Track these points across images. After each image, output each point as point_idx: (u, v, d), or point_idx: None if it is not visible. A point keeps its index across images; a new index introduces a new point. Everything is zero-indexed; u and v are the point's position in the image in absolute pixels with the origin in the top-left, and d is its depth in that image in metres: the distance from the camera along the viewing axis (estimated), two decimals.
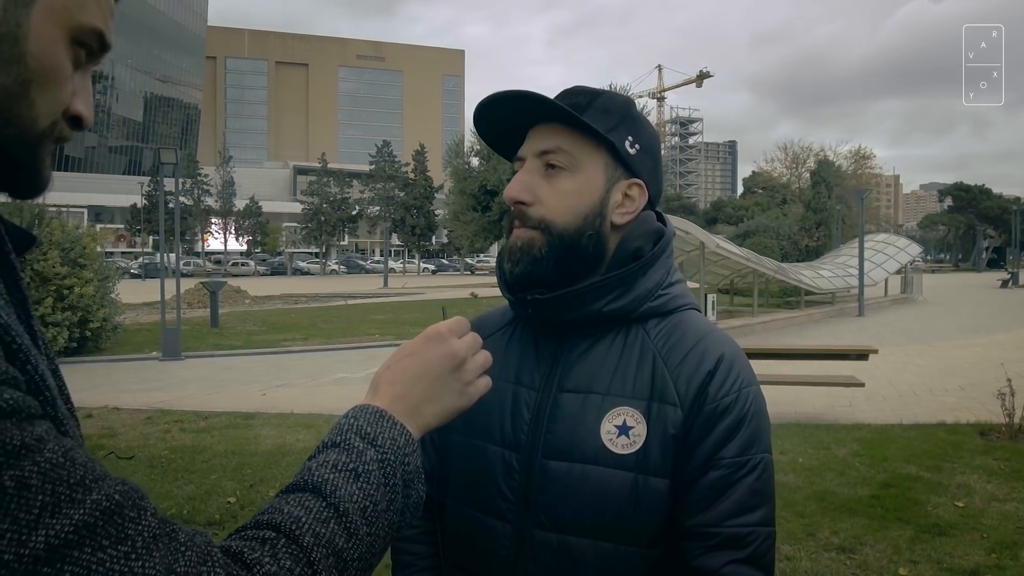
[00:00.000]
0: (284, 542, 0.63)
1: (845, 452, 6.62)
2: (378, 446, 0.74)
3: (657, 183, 1.18)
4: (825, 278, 24.60)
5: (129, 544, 0.54)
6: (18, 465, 0.51)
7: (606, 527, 1.06)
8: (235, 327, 18.78)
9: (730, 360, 1.10)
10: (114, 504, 0.55)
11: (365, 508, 0.69)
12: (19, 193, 0.70)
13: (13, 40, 0.63)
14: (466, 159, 34.06)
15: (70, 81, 0.68)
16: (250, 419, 8.26)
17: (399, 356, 0.86)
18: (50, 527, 0.51)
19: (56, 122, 0.68)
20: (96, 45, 0.70)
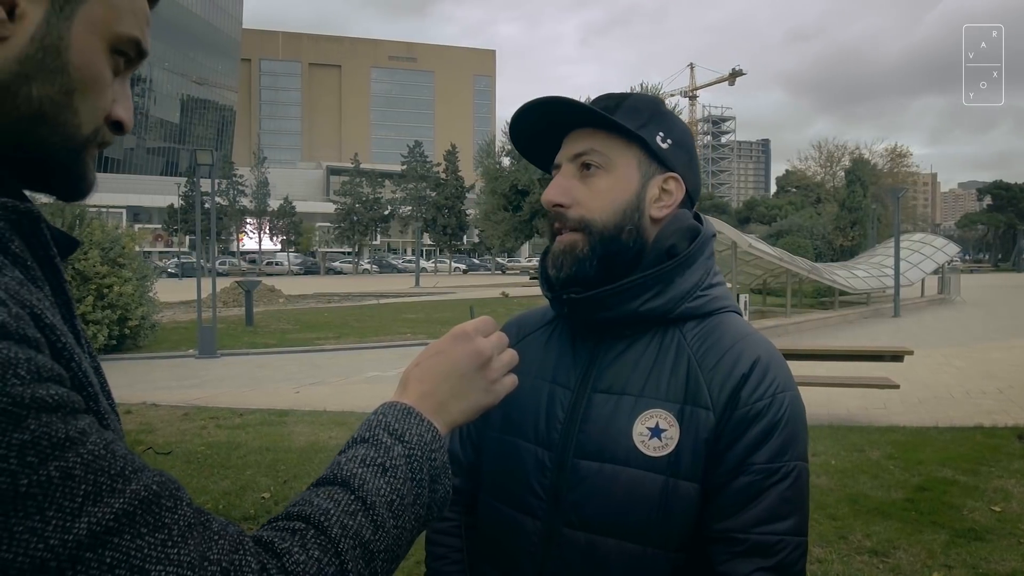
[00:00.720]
0: (313, 533, 0.65)
1: (879, 454, 6.55)
2: (405, 442, 0.76)
3: (694, 176, 1.19)
4: (860, 278, 24.24)
5: (166, 532, 0.57)
6: (63, 456, 0.53)
7: (634, 529, 1.07)
8: (269, 326, 19.03)
9: (765, 364, 1.09)
10: (152, 494, 0.58)
11: (392, 502, 0.72)
12: (66, 196, 0.75)
13: (56, 52, 0.67)
14: (497, 159, 34.13)
15: (110, 88, 0.73)
16: (284, 416, 8.38)
17: (427, 355, 0.88)
18: (92, 515, 0.53)
19: (99, 128, 0.73)
20: (134, 53, 0.74)
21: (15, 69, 0.66)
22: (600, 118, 1.12)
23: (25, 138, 0.68)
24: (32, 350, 0.56)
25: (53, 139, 0.69)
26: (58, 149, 0.70)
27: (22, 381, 0.54)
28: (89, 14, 0.69)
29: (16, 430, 0.52)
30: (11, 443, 0.51)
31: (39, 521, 0.51)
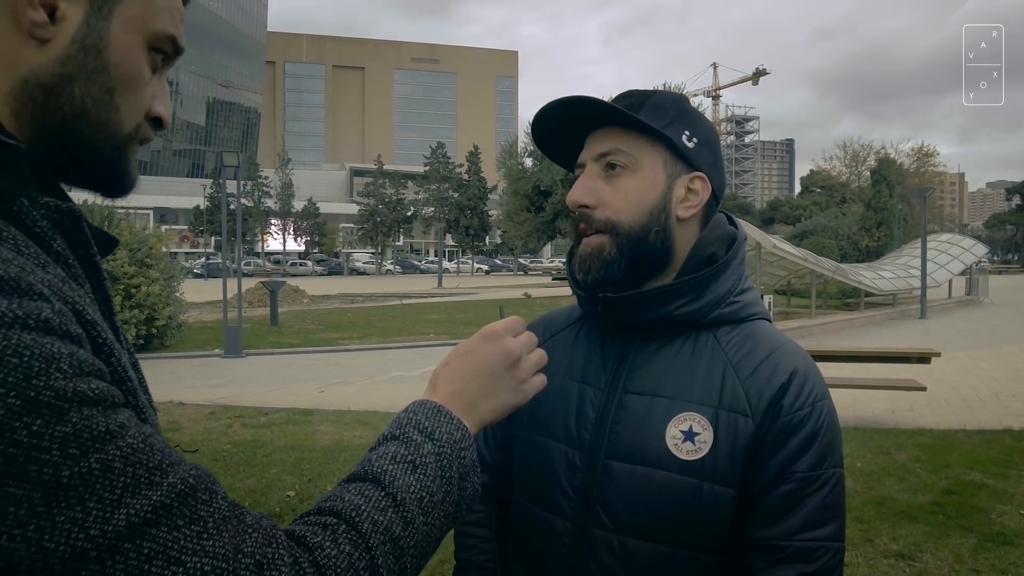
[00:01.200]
0: (344, 528, 0.67)
1: (905, 457, 6.48)
2: (435, 440, 0.77)
3: (719, 175, 1.18)
4: (886, 279, 23.98)
5: (201, 524, 0.58)
6: (103, 449, 0.55)
7: (665, 531, 1.07)
8: (294, 326, 19.18)
9: (804, 373, 1.09)
10: (188, 487, 0.59)
11: (422, 498, 0.72)
12: (109, 192, 0.77)
13: (96, 52, 0.69)
14: (520, 160, 34.16)
15: (149, 85, 0.75)
16: (309, 415, 8.45)
17: (456, 354, 0.89)
18: (131, 506, 0.55)
19: (139, 124, 0.75)
20: (170, 49, 0.76)
21: (58, 70, 0.68)
22: (625, 117, 1.11)
23: (69, 137, 0.70)
24: (74, 345, 0.58)
25: (96, 137, 0.71)
26: (101, 147, 0.72)
27: (64, 375, 0.55)
28: (127, 13, 0.71)
29: (59, 423, 0.53)
30: (54, 435, 0.53)
31: (80, 512, 0.53)
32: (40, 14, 0.66)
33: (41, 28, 0.66)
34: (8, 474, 0.51)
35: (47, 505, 0.52)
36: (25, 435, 0.52)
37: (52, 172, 0.70)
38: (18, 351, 0.53)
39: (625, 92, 1.18)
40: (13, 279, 0.56)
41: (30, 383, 0.53)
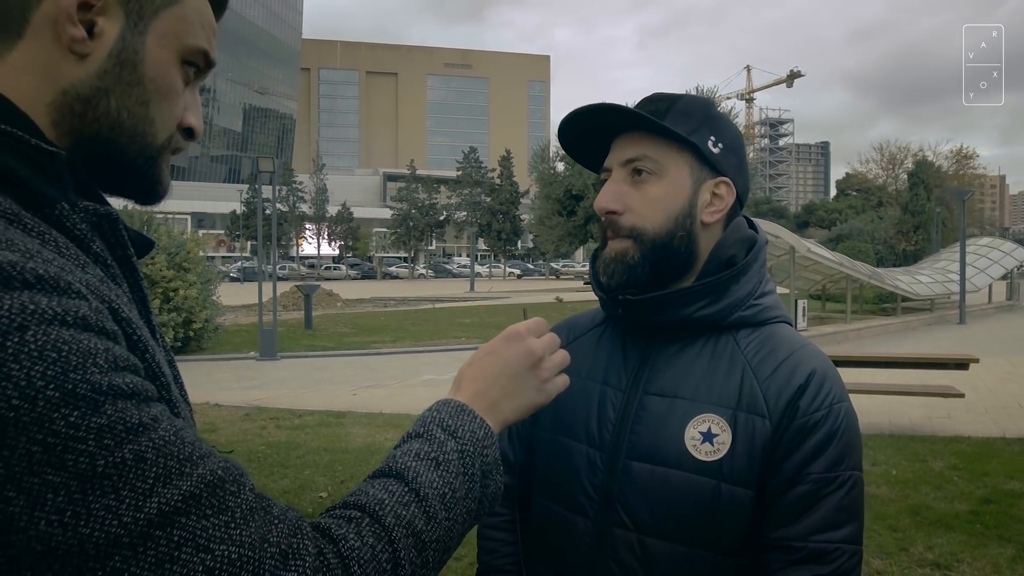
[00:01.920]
0: (368, 521, 0.69)
1: (942, 465, 6.38)
2: (458, 438, 0.79)
3: (743, 180, 1.19)
4: (923, 284, 23.58)
5: (229, 514, 0.61)
6: (136, 440, 0.58)
7: (684, 531, 1.08)
8: (328, 329, 19.37)
9: (822, 375, 1.10)
10: (217, 478, 0.62)
11: (444, 494, 0.74)
12: (143, 200, 0.81)
13: (132, 66, 0.73)
14: (551, 164, 34.14)
15: (182, 97, 0.79)
16: (341, 418, 8.54)
17: (480, 355, 0.91)
18: (162, 495, 0.57)
19: (172, 135, 0.79)
20: (203, 63, 0.80)
21: (95, 84, 0.72)
22: (652, 124, 1.12)
23: (106, 147, 0.74)
24: (110, 341, 0.61)
25: (132, 147, 0.75)
26: (136, 156, 0.76)
27: (100, 370, 0.58)
28: (161, 28, 0.75)
29: (94, 415, 0.56)
30: (90, 426, 0.55)
31: (114, 500, 0.55)
32: (79, 30, 0.70)
33: (80, 43, 0.70)
34: (47, 463, 0.53)
35: (83, 493, 0.54)
36: (63, 426, 0.54)
37: (90, 177, 0.75)
38: (57, 346, 0.56)
39: (651, 96, 1.19)
40: (53, 278, 0.59)
41: (68, 376, 0.55)
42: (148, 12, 0.74)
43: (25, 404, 0.53)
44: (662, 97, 1.17)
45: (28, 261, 0.58)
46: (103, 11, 0.71)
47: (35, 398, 0.54)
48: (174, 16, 0.76)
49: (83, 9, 0.70)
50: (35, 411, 0.54)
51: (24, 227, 0.63)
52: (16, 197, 0.65)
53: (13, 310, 0.55)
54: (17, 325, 0.55)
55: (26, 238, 0.62)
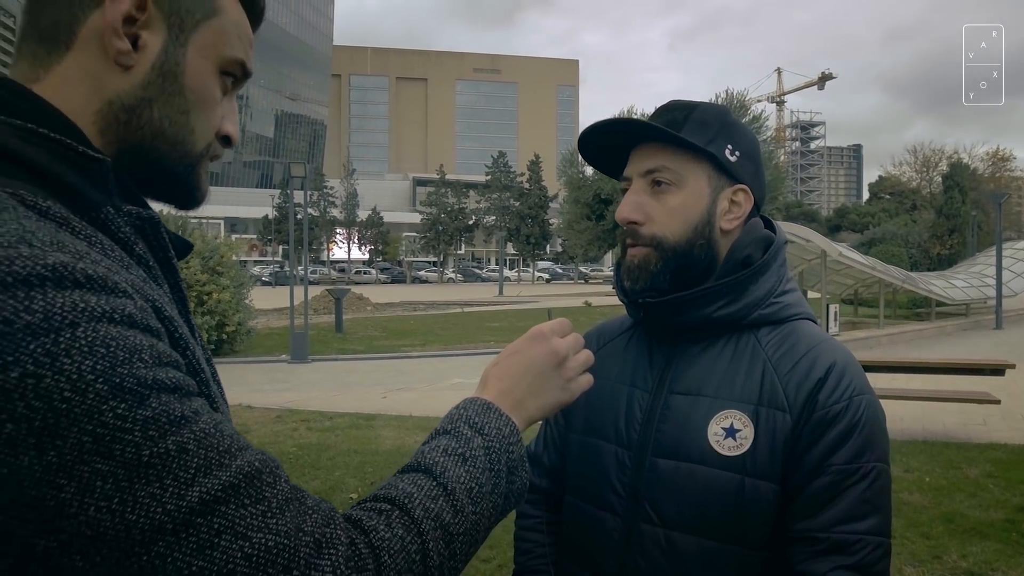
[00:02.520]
0: (398, 513, 0.71)
1: (977, 473, 6.28)
2: (484, 434, 0.81)
3: (760, 185, 1.21)
4: (958, 288, 23.16)
5: (266, 504, 0.64)
6: (179, 432, 0.61)
7: (710, 526, 1.10)
8: (358, 332, 19.52)
9: (841, 368, 1.11)
10: (254, 470, 0.64)
11: (471, 489, 0.76)
12: (182, 205, 0.85)
13: (174, 76, 0.77)
14: (580, 168, 34.11)
15: (220, 106, 0.82)
16: (371, 420, 8.61)
17: (505, 354, 0.94)
18: (203, 485, 0.60)
19: (210, 143, 0.83)
20: (240, 73, 0.84)
21: (139, 94, 0.76)
22: (669, 136, 1.14)
23: (148, 154, 0.78)
24: (154, 338, 0.64)
25: (173, 154, 0.79)
26: (176, 163, 0.80)
27: (145, 365, 0.61)
28: (201, 40, 0.78)
29: (140, 407, 0.59)
30: (136, 418, 0.58)
31: (158, 488, 0.58)
32: (125, 43, 0.74)
33: (125, 56, 0.74)
34: (97, 452, 0.57)
35: (130, 481, 0.57)
36: (111, 417, 0.57)
37: (133, 183, 0.79)
38: (105, 342, 0.59)
39: (668, 105, 1.22)
40: (102, 278, 0.62)
41: (115, 371, 0.59)
42: (189, 25, 0.77)
43: (76, 396, 0.56)
44: (679, 106, 1.20)
45: (78, 262, 0.61)
46: (147, 25, 0.75)
47: (85, 391, 0.57)
48: (213, 29, 0.79)
49: (128, 23, 0.74)
50: (85, 403, 0.57)
51: (73, 230, 0.66)
52: (64, 201, 0.69)
53: (65, 308, 0.58)
54: (69, 322, 0.58)
55: (75, 240, 0.65)
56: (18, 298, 0.57)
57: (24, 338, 0.56)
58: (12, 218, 0.63)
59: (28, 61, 0.75)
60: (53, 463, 0.55)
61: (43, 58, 0.74)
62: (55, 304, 0.58)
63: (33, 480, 0.55)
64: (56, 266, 0.60)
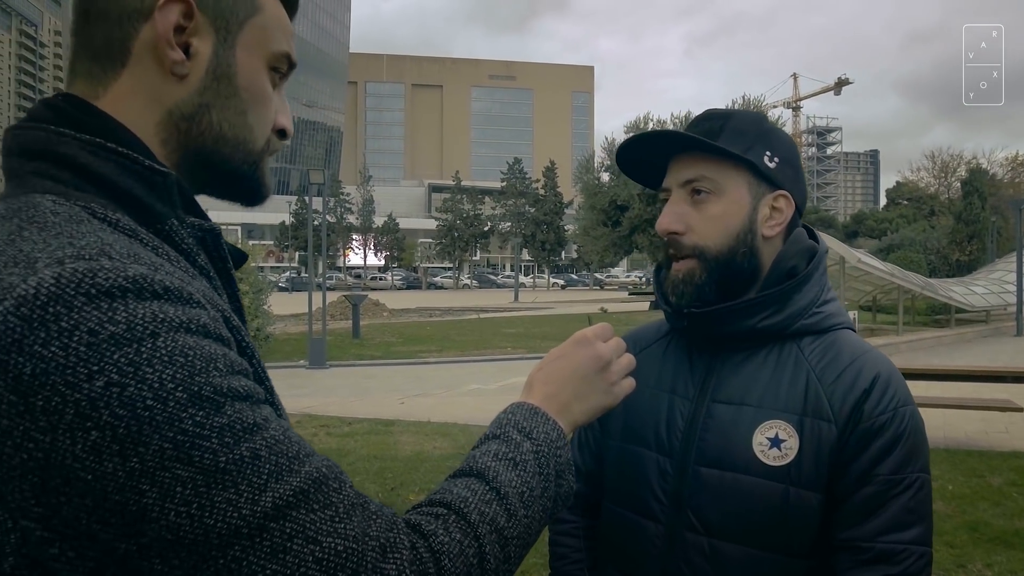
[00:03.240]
0: (454, 518, 0.72)
1: (1000, 481, 6.22)
2: (533, 439, 0.82)
3: (801, 190, 1.22)
4: (978, 295, 22.93)
5: (333, 509, 0.65)
6: (251, 439, 0.63)
7: (755, 534, 1.11)
8: (375, 338, 19.58)
9: (886, 379, 1.12)
10: (322, 475, 0.66)
11: (523, 493, 0.77)
12: (249, 201, 0.87)
13: (227, 79, 0.79)
14: (596, 174, 34.10)
15: (273, 101, 0.84)
16: (390, 426, 8.63)
17: (550, 359, 0.95)
18: (275, 490, 0.62)
19: (269, 138, 0.84)
20: (286, 66, 0.85)
21: (197, 100, 0.77)
22: (707, 146, 1.15)
23: (212, 158, 0.80)
24: (226, 347, 0.66)
25: (236, 155, 0.81)
26: (240, 163, 0.82)
27: (220, 374, 0.63)
28: (247, 39, 0.80)
29: (216, 415, 0.61)
30: (213, 425, 0.60)
31: (234, 493, 0.60)
32: (178, 53, 0.75)
33: (180, 65, 0.76)
34: (177, 458, 0.58)
35: (207, 487, 0.59)
36: (190, 424, 0.59)
37: (199, 186, 0.81)
38: (184, 352, 0.61)
39: (705, 114, 1.22)
40: (178, 289, 0.64)
41: (194, 379, 0.61)
42: (234, 26, 0.79)
43: (158, 405, 0.58)
44: (715, 115, 1.20)
45: (155, 273, 0.63)
46: (195, 32, 0.76)
47: (167, 399, 0.59)
48: (257, 26, 0.81)
49: (177, 32, 0.75)
50: (166, 411, 0.59)
51: (141, 242, 0.69)
52: (131, 214, 0.71)
53: (146, 319, 0.60)
54: (150, 332, 0.60)
55: (146, 252, 0.67)
56: (102, 309, 0.59)
57: (109, 348, 0.58)
58: (90, 230, 0.64)
59: (85, 80, 0.76)
60: (136, 469, 0.57)
61: (99, 76, 0.75)
62: (137, 315, 0.60)
63: (117, 485, 0.57)
64: (136, 278, 0.61)
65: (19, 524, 0.59)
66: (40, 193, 0.68)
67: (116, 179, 0.71)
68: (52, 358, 0.57)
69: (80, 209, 0.67)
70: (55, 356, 0.57)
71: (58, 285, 0.59)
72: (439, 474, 6.41)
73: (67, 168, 0.70)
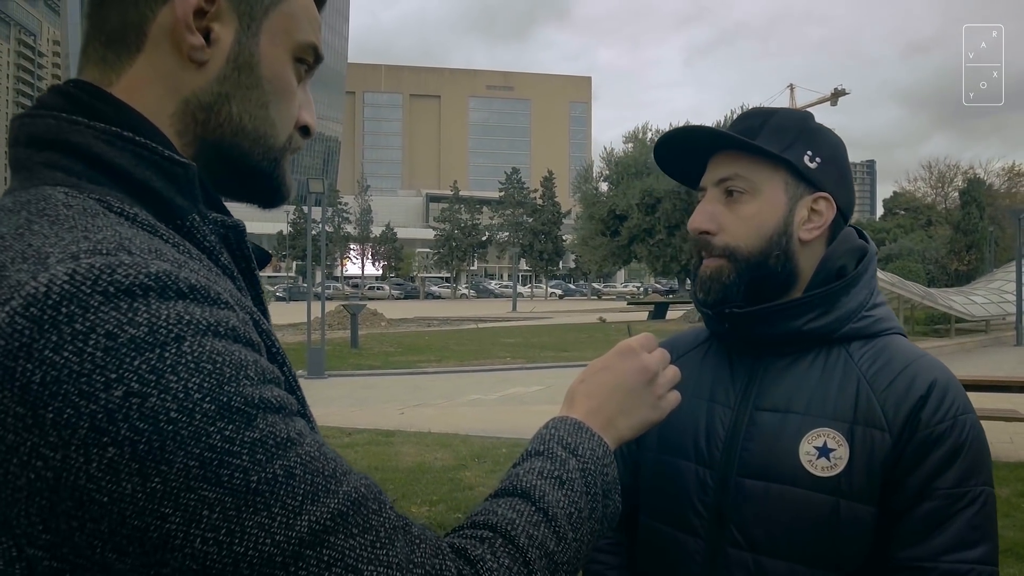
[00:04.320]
0: (501, 542, 0.66)
1: (1008, 492, 6.16)
2: (579, 456, 0.77)
3: (846, 192, 1.16)
4: (978, 304, 22.92)
5: (374, 533, 0.59)
6: (285, 456, 0.56)
7: (803, 550, 1.05)
8: (373, 348, 19.50)
9: (944, 386, 1.06)
10: (360, 496, 0.60)
11: (571, 514, 0.72)
12: (267, 203, 0.81)
13: (249, 68, 0.73)
14: (595, 184, 34.12)
15: (297, 95, 0.78)
16: (390, 437, 8.56)
17: (592, 371, 0.90)
18: (311, 513, 0.56)
19: (291, 135, 0.78)
20: (312, 59, 0.79)
21: (216, 90, 0.72)
22: (741, 143, 1.11)
23: (230, 152, 0.74)
24: (256, 353, 0.60)
25: (256, 151, 0.75)
26: (260, 159, 0.76)
27: (252, 382, 0.57)
28: (273, 28, 0.74)
29: (247, 428, 0.55)
30: (244, 441, 0.54)
31: (266, 517, 0.54)
32: (197, 38, 0.70)
33: (199, 51, 0.70)
34: (203, 478, 0.52)
35: (237, 510, 0.53)
36: (219, 440, 0.53)
37: (214, 184, 0.75)
38: (212, 358, 0.55)
39: (748, 112, 1.19)
40: (204, 288, 0.58)
41: (223, 389, 0.54)
42: (259, 12, 0.73)
43: (183, 417, 0.52)
44: (757, 113, 1.17)
45: (180, 270, 0.57)
46: (217, 16, 0.71)
47: (192, 411, 0.53)
48: (283, 14, 0.75)
49: (198, 16, 0.70)
50: (192, 425, 0.52)
51: (162, 238, 0.63)
52: (149, 208, 0.65)
53: (171, 320, 0.54)
54: (175, 336, 0.54)
55: (169, 248, 0.62)
56: (121, 309, 0.53)
57: (128, 353, 0.52)
58: (106, 224, 0.59)
59: (97, 66, 0.71)
60: (157, 490, 0.51)
61: (113, 62, 0.70)
62: (160, 316, 0.54)
63: (136, 509, 0.51)
64: (159, 275, 0.55)
65: (25, 552, 0.53)
66: (51, 185, 0.62)
67: (133, 171, 0.65)
68: (65, 364, 0.51)
69: (94, 202, 0.61)
70: (68, 362, 0.51)
71: (72, 282, 0.53)
72: (441, 485, 6.34)
73: (80, 159, 0.64)
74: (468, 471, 6.77)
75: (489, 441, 8.12)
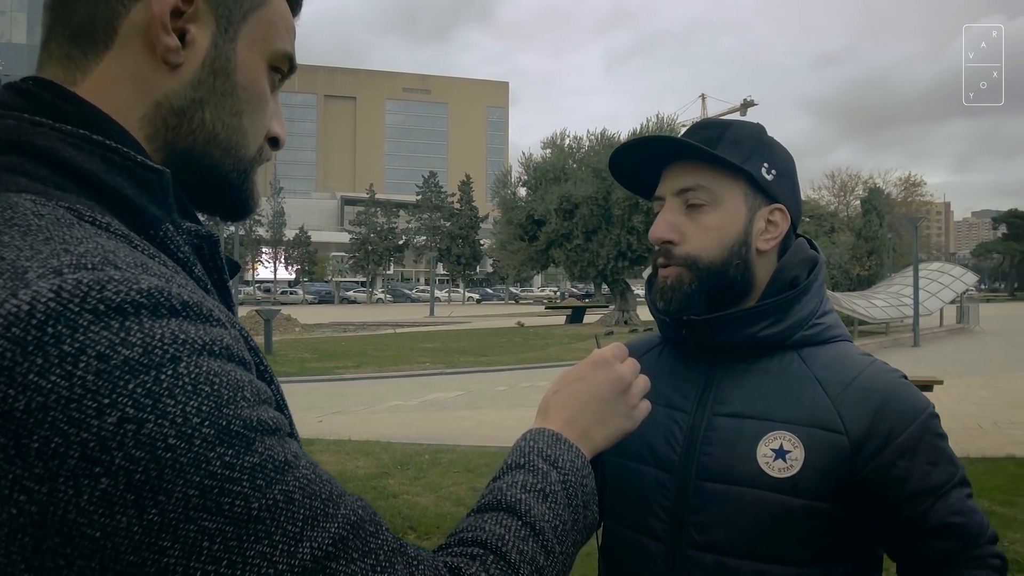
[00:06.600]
0: (493, 558, 0.66)
1: None
2: (559, 468, 0.77)
3: (797, 204, 1.20)
4: (879, 307, 24.09)
5: (374, 557, 0.57)
6: (283, 480, 0.54)
7: (763, 548, 1.08)
8: (288, 354, 19.06)
9: (897, 388, 1.11)
10: (358, 518, 0.58)
11: (556, 527, 0.71)
12: (232, 216, 0.77)
13: (225, 74, 0.70)
14: (513, 189, 34.26)
15: (270, 104, 0.75)
16: (310, 445, 8.35)
17: (566, 381, 0.90)
18: (312, 539, 0.54)
19: (261, 146, 0.75)
20: (286, 67, 0.76)
21: (190, 95, 0.68)
22: (705, 154, 1.12)
23: (201, 162, 0.70)
24: (249, 372, 0.58)
25: (226, 161, 0.72)
26: (230, 170, 0.72)
27: (249, 404, 0.55)
28: (251, 34, 0.71)
29: (247, 453, 0.53)
30: (243, 466, 0.52)
31: (268, 545, 0.52)
32: (173, 39, 0.66)
33: (174, 53, 0.66)
34: (203, 507, 0.50)
35: (238, 539, 0.51)
36: (218, 466, 0.51)
37: (187, 196, 0.70)
38: (209, 379, 0.52)
39: (702, 123, 1.20)
40: (196, 304, 0.55)
41: (222, 412, 0.52)
42: (238, 16, 0.70)
43: (182, 444, 0.50)
44: (714, 124, 1.19)
45: (170, 286, 0.55)
46: (194, 18, 0.67)
47: (191, 436, 0.50)
48: (262, 20, 0.72)
49: (174, 16, 0.66)
50: (191, 451, 0.50)
51: (138, 250, 0.59)
52: (121, 217, 0.61)
53: (165, 340, 0.51)
54: (170, 356, 0.51)
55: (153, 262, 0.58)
56: (112, 329, 0.50)
57: (123, 376, 0.49)
58: (85, 235, 0.55)
59: (60, 63, 0.65)
60: (155, 523, 0.48)
61: (79, 59, 0.65)
62: (154, 336, 0.51)
63: (131, 544, 0.48)
64: (151, 291, 0.52)
65: None
66: (15, 192, 0.57)
67: (104, 177, 0.61)
68: (52, 390, 0.47)
69: (65, 211, 0.57)
70: (56, 387, 0.47)
71: (59, 300, 0.49)
72: (364, 494, 6.21)
73: (45, 163, 0.60)
74: (391, 479, 6.67)
75: (412, 448, 8.04)
